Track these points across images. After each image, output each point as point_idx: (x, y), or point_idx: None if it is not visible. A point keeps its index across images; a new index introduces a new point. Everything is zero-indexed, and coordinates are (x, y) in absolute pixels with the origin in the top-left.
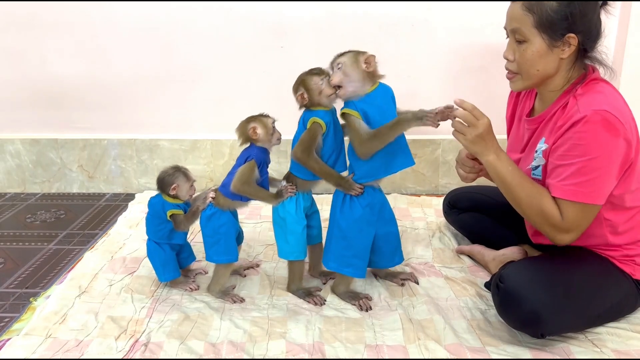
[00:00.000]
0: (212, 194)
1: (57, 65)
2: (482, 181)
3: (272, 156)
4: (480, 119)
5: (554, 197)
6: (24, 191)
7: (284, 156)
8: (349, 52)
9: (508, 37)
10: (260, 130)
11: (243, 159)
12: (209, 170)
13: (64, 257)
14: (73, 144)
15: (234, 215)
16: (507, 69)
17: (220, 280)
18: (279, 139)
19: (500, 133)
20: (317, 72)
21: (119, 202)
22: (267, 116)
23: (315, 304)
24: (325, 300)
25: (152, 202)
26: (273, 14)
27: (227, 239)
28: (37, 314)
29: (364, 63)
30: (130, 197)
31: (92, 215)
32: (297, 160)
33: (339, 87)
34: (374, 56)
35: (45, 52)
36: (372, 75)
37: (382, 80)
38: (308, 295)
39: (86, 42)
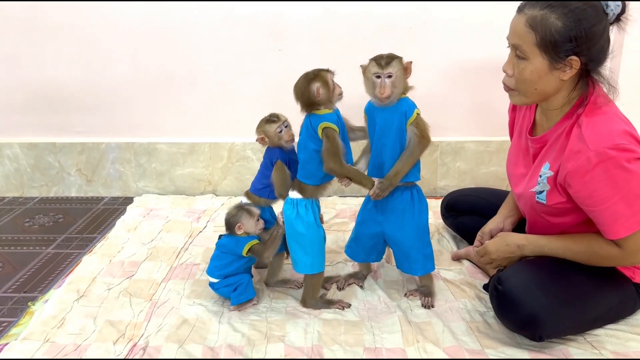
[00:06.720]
0: (282, 217)
1: (55, 68)
2: (479, 183)
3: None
4: (484, 255)
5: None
6: (22, 195)
7: None
8: (395, 58)
9: (509, 47)
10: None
11: (268, 160)
12: (207, 173)
13: (62, 261)
14: (71, 147)
15: None
16: (504, 83)
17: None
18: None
19: (501, 135)
20: (327, 70)
21: (118, 206)
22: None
23: (343, 308)
24: (349, 304)
25: (222, 243)
26: (271, 16)
27: None
28: (35, 318)
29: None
30: (128, 200)
31: (91, 219)
32: (330, 172)
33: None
34: (411, 62)
35: (43, 56)
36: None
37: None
38: (331, 303)
39: (84, 45)
